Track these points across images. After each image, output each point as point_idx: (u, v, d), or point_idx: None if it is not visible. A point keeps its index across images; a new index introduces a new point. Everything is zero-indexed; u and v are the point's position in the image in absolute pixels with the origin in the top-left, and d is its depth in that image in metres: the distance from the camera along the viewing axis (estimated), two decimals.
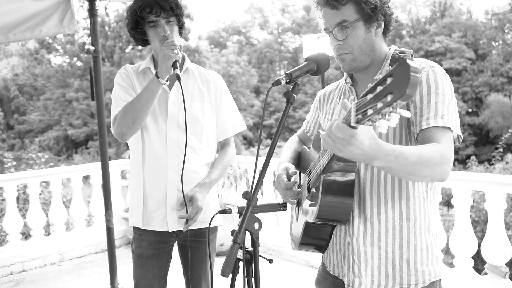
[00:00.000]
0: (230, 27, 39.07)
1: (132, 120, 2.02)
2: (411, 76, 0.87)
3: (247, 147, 29.39)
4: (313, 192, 1.53)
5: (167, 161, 2.12)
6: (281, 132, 1.39)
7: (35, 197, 5.00)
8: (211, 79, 2.26)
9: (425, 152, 1.27)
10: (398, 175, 1.36)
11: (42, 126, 30.69)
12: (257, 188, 1.35)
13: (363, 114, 0.98)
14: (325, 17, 1.50)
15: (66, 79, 29.80)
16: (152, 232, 2.18)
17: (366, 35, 1.48)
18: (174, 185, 2.13)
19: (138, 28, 2.09)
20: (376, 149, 1.14)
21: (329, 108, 1.73)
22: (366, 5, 1.44)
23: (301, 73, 1.43)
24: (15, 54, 32.25)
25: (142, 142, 2.17)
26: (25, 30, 3.38)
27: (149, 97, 2.00)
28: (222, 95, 2.28)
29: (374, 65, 1.54)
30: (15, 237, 4.84)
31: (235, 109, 2.36)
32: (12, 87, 31.86)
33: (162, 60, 1.96)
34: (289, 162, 1.76)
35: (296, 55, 35.33)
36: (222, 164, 2.28)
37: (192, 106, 2.16)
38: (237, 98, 30.00)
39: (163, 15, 2.06)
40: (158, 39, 2.07)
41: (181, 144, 2.13)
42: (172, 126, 2.13)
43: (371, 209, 1.51)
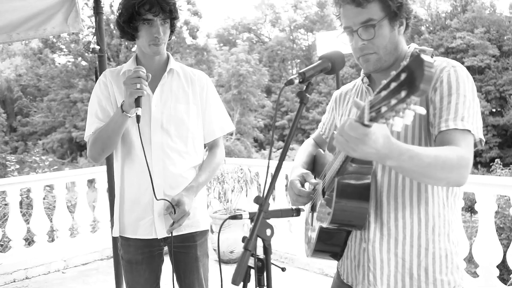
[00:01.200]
0: (240, 24, 39.17)
1: (101, 148, 2.13)
2: (425, 70, 0.87)
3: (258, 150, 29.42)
4: (327, 196, 1.53)
5: (152, 166, 2.13)
6: (294, 133, 1.38)
7: (39, 201, 5.06)
8: (196, 78, 2.26)
9: (442, 154, 1.26)
10: (412, 177, 1.35)
11: (46, 128, 31.05)
12: (269, 192, 1.35)
13: (377, 112, 0.98)
14: (348, 15, 1.48)
15: (71, 79, 30.12)
16: (139, 238, 2.20)
17: (391, 33, 1.48)
18: (160, 190, 2.14)
19: (131, 22, 2.09)
20: (389, 148, 1.14)
21: (345, 109, 1.73)
22: (392, 3, 1.43)
23: (315, 72, 1.42)
24: (18, 54, 32.69)
25: (125, 147, 2.18)
26: (28, 29, 3.43)
27: (115, 128, 2.07)
28: (208, 95, 2.28)
29: (394, 64, 1.53)
30: (18, 243, 4.90)
31: (222, 109, 2.36)
32: (15, 88, 32.29)
33: (125, 95, 1.98)
34: (304, 167, 1.76)
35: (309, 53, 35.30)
36: (211, 166, 2.28)
37: (177, 108, 2.17)
38: (248, 98, 30.05)
39: (161, 15, 2.08)
40: (149, 38, 2.08)
41: (165, 147, 2.15)
42: (156, 129, 2.15)
43: (388, 214, 1.50)
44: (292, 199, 1.64)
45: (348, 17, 1.48)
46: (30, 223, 5.07)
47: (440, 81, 1.42)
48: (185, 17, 32.25)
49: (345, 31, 1.53)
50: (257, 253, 1.37)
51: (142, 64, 2.22)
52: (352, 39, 1.50)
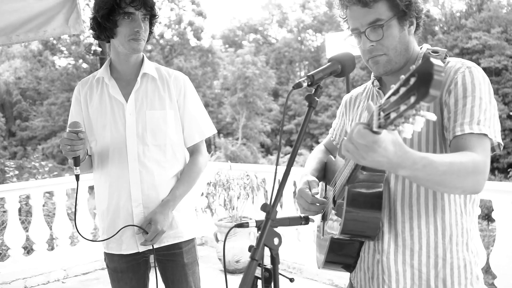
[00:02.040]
0: (246, 25, 39.28)
1: None
2: (435, 75, 0.86)
3: (264, 155, 29.41)
4: (338, 204, 1.52)
5: (129, 178, 2.13)
6: (302, 138, 1.39)
7: (38, 208, 5.09)
8: (171, 80, 2.23)
9: (456, 161, 1.25)
10: (426, 185, 1.34)
11: (46, 133, 31.23)
12: (276, 200, 1.35)
13: (386, 118, 0.98)
14: (354, 17, 1.48)
15: (71, 82, 30.31)
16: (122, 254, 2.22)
17: (401, 34, 1.47)
18: (139, 202, 2.14)
19: (110, 16, 2.07)
20: (402, 156, 1.13)
21: (356, 114, 1.72)
22: (400, 2, 1.43)
23: (324, 75, 1.42)
24: (17, 56, 32.95)
25: (101, 160, 2.19)
26: (28, 30, 3.46)
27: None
28: (185, 98, 2.24)
29: (405, 66, 1.53)
30: (17, 251, 4.92)
31: (202, 111, 2.32)
32: (15, 91, 32.53)
33: (64, 154, 2.04)
34: (314, 174, 1.75)
35: (318, 54, 35.31)
36: (190, 176, 2.24)
37: (153, 115, 2.15)
38: (254, 101, 30.09)
39: (142, 10, 2.08)
40: (128, 32, 2.07)
41: (142, 157, 2.14)
42: (131, 139, 2.13)
43: (402, 223, 1.49)
44: (302, 207, 1.64)
45: (355, 18, 1.48)
46: (29, 231, 5.10)
47: (455, 83, 1.41)
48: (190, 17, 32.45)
49: (353, 33, 1.53)
50: (264, 262, 1.36)
51: (117, 69, 2.21)
52: (360, 41, 1.50)
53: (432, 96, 0.86)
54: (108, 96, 2.18)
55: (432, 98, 0.87)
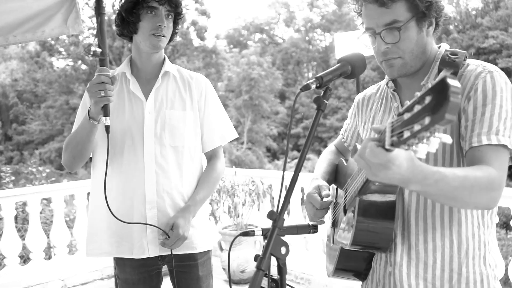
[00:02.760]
0: (252, 24, 39.36)
1: (72, 155, 2.15)
2: (451, 97, 0.85)
3: (271, 160, 29.39)
4: (349, 214, 1.52)
5: (144, 179, 2.13)
6: (310, 142, 1.38)
7: (35, 216, 5.10)
8: (193, 82, 2.26)
9: (470, 176, 1.24)
10: (438, 200, 1.33)
11: (43, 137, 31.38)
12: (284, 207, 1.35)
13: (399, 137, 0.97)
14: (370, 16, 1.46)
15: (70, 84, 30.47)
16: (134, 260, 2.19)
17: (418, 36, 1.45)
18: (153, 205, 2.13)
19: (134, 9, 2.12)
20: (413, 171, 1.13)
21: (369, 116, 1.71)
22: (420, 2, 1.41)
23: (334, 77, 1.42)
24: (14, 57, 33.17)
25: (113, 158, 2.15)
26: (26, 31, 3.48)
27: (83, 135, 2.10)
28: (207, 101, 2.27)
29: (422, 68, 1.51)
30: (13, 260, 4.94)
31: (224, 115, 2.35)
32: (11, 93, 32.72)
33: (91, 102, 2.02)
34: (325, 177, 1.75)
35: (327, 55, 35.30)
36: (210, 181, 2.26)
37: (172, 116, 2.17)
38: (260, 104, 30.11)
39: (166, 6, 2.12)
40: (151, 26, 2.10)
41: (159, 158, 2.14)
42: (149, 138, 2.14)
43: (416, 236, 1.48)
44: (310, 214, 1.63)
45: (371, 18, 1.46)
46: (25, 239, 5.11)
47: (475, 89, 1.38)
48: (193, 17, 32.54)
49: (367, 32, 1.51)
50: (271, 273, 1.36)
51: (138, 66, 2.24)
52: (375, 41, 1.48)
53: (447, 120, 0.85)
54: (127, 92, 2.21)
55: (447, 122, 0.86)
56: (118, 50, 29.56)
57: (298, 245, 5.08)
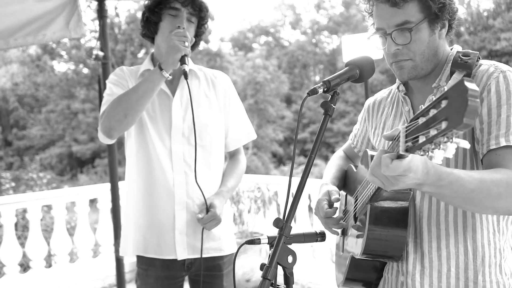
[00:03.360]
0: (257, 27, 39.43)
1: (124, 112, 2.00)
2: (469, 101, 0.85)
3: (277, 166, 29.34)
4: (359, 221, 1.52)
5: (173, 179, 2.15)
6: (318, 148, 1.39)
7: (36, 223, 5.12)
8: (217, 81, 2.30)
9: (487, 179, 1.23)
10: (453, 204, 1.32)
11: (44, 142, 31.49)
12: (290, 214, 1.35)
13: (414, 142, 0.97)
14: (381, 16, 1.46)
15: (71, 88, 30.60)
16: (159, 266, 2.20)
17: (430, 38, 1.45)
18: (183, 206, 2.16)
19: (156, 8, 2.14)
20: (428, 173, 1.13)
21: (380, 121, 1.71)
22: (433, 3, 1.41)
23: (342, 81, 1.42)
24: (14, 61, 33.34)
25: (143, 157, 2.19)
26: (27, 34, 3.51)
27: (148, 88, 2.01)
28: (230, 99, 2.32)
29: (433, 71, 1.51)
30: (13, 269, 4.95)
31: (245, 114, 2.40)
32: (11, 98, 32.87)
33: (170, 50, 1.99)
34: (334, 183, 1.75)
35: (334, 58, 35.27)
36: (237, 172, 2.32)
37: (199, 114, 2.19)
38: (265, 108, 30.12)
39: (189, 9, 2.14)
40: (170, 29, 2.12)
41: (187, 158, 2.16)
42: (177, 137, 2.17)
43: (429, 243, 1.47)
44: (321, 221, 1.64)
45: (382, 18, 1.46)
46: (25, 246, 5.13)
47: (488, 90, 1.38)
48: None
49: (377, 33, 1.51)
50: (277, 282, 1.36)
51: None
52: (385, 42, 1.48)
53: (466, 125, 0.85)
54: None
55: (466, 126, 0.85)
56: (121, 53, 29.69)
57: (305, 253, 5.07)
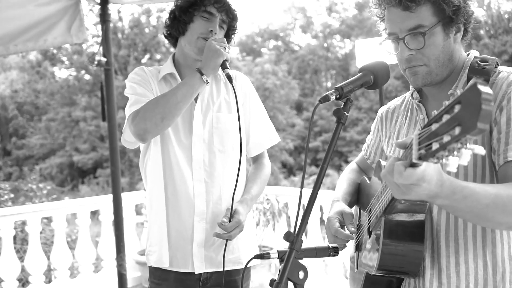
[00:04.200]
0: (266, 30, 39.59)
1: (162, 115, 2.00)
2: (482, 105, 0.85)
3: (286, 176, 29.29)
4: (374, 236, 1.51)
5: (193, 188, 2.16)
6: (330, 157, 1.39)
7: (35, 236, 5.14)
8: (237, 84, 2.29)
9: (503, 194, 1.23)
10: (466, 218, 1.32)
11: (44, 152, 31.67)
12: (301, 227, 1.35)
13: (427, 149, 0.97)
14: (393, 20, 1.47)
15: (72, 95, 30.81)
16: (172, 280, 2.20)
17: (445, 42, 1.46)
18: (202, 217, 2.16)
19: (189, 9, 2.16)
20: (442, 186, 1.13)
21: (393, 130, 1.71)
22: (447, 6, 1.41)
23: (355, 87, 1.42)
24: (14, 67, 33.66)
25: (163, 164, 2.19)
26: (27, 40, 3.55)
27: (188, 93, 2.03)
28: (251, 102, 2.33)
29: (449, 77, 1.51)
30: (11, 284, 4.96)
31: (267, 116, 2.41)
32: (11, 105, 33.14)
33: (211, 55, 2.02)
34: (346, 199, 1.75)
35: (346, 62, 35.29)
36: (261, 178, 2.32)
37: (220, 119, 2.21)
38: (275, 116, 30.16)
39: (223, 15, 2.17)
40: (200, 31, 2.14)
41: (207, 165, 2.17)
42: (198, 144, 2.17)
43: (447, 258, 1.47)
44: (330, 239, 1.64)
45: (394, 22, 1.47)
46: (24, 261, 5.15)
47: (508, 98, 1.38)
48: None
49: (390, 38, 1.52)
50: None
51: (181, 67, 2.27)
52: (398, 48, 1.49)
53: (480, 130, 0.85)
54: None
55: (480, 131, 0.86)
56: (124, 58, 29.88)
57: (317, 269, 5.04)
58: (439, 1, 1.41)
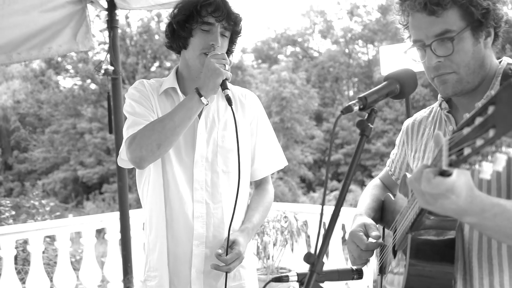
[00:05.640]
0: (283, 36, 39.72)
1: (158, 142, 2.03)
2: None
3: (305, 192, 29.21)
4: (399, 255, 1.50)
5: (192, 209, 2.16)
6: (354, 172, 1.38)
7: (37, 256, 5.18)
8: (246, 103, 2.31)
9: None
10: (495, 237, 1.32)
11: (47, 166, 31.93)
12: (323, 248, 1.34)
13: (458, 155, 0.97)
14: (418, 26, 1.47)
15: (78, 106, 31.09)
16: None
17: (474, 48, 1.46)
18: (201, 241, 2.16)
19: (187, 23, 2.15)
20: (472, 202, 1.12)
21: (420, 143, 1.71)
22: (476, 9, 1.42)
23: (380, 97, 1.42)
24: (16, 76, 34.03)
25: (159, 184, 2.20)
26: (31, 48, 3.61)
27: (185, 117, 2.04)
28: (259, 123, 2.33)
29: (480, 85, 1.51)
30: None
31: (275, 140, 2.41)
32: (12, 117, 33.52)
33: (210, 74, 2.02)
34: (369, 214, 1.74)
35: (370, 70, 35.24)
36: (264, 205, 2.32)
37: (225, 138, 2.22)
38: (293, 127, 30.16)
39: (223, 23, 2.15)
40: (202, 45, 2.14)
41: (209, 186, 2.17)
42: (200, 163, 2.18)
43: (480, 280, 1.45)
44: (353, 255, 1.62)
45: (419, 28, 1.47)
46: (26, 282, 5.17)
47: None
48: None
49: (415, 45, 1.52)
50: None
51: (185, 81, 2.27)
52: (424, 55, 1.49)
53: None
54: None
55: None
56: (132, 66, 30.13)
57: None
58: (467, 4, 1.41)
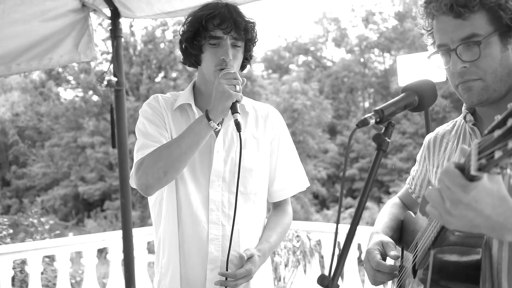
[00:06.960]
0: (294, 44, 39.82)
1: (164, 169, 2.04)
2: None
3: (319, 209, 29.10)
4: (420, 275, 1.49)
5: (207, 232, 2.15)
6: (370, 188, 1.37)
7: (36, 277, 5.18)
8: (269, 120, 2.31)
9: None
10: None
11: (47, 182, 32.01)
12: (338, 269, 1.34)
13: (488, 158, 0.96)
14: (443, 30, 1.48)
15: (79, 119, 31.22)
16: None
17: (502, 54, 1.46)
18: (216, 265, 2.15)
19: (195, 40, 2.16)
20: (508, 215, 1.10)
21: (442, 158, 1.70)
22: (505, 14, 1.41)
23: (397, 109, 1.42)
24: (15, 88, 34.23)
25: (172, 204, 2.19)
26: (31, 58, 3.63)
27: (193, 143, 2.04)
28: (280, 142, 2.32)
29: (507, 95, 1.50)
30: None
31: (297, 160, 2.40)
32: (11, 130, 33.70)
33: (219, 97, 2.01)
34: (388, 233, 1.73)
35: (386, 80, 35.18)
36: (282, 227, 2.31)
37: (244, 157, 2.17)
38: (305, 140, 30.14)
39: (232, 34, 2.14)
40: (214, 61, 2.13)
41: (226, 207, 2.16)
42: (216, 183, 2.17)
43: None
44: (369, 275, 1.62)
45: (444, 32, 1.47)
46: None
47: None
48: None
49: (440, 51, 1.52)
50: None
51: (202, 96, 2.26)
52: (449, 60, 1.49)
53: None
54: None
55: None
56: (136, 77, 30.27)
57: None
58: (496, 7, 1.41)
